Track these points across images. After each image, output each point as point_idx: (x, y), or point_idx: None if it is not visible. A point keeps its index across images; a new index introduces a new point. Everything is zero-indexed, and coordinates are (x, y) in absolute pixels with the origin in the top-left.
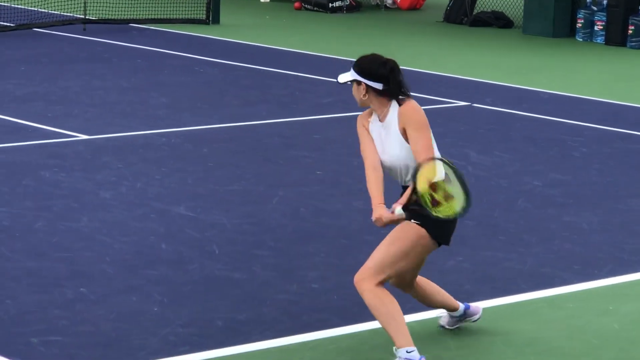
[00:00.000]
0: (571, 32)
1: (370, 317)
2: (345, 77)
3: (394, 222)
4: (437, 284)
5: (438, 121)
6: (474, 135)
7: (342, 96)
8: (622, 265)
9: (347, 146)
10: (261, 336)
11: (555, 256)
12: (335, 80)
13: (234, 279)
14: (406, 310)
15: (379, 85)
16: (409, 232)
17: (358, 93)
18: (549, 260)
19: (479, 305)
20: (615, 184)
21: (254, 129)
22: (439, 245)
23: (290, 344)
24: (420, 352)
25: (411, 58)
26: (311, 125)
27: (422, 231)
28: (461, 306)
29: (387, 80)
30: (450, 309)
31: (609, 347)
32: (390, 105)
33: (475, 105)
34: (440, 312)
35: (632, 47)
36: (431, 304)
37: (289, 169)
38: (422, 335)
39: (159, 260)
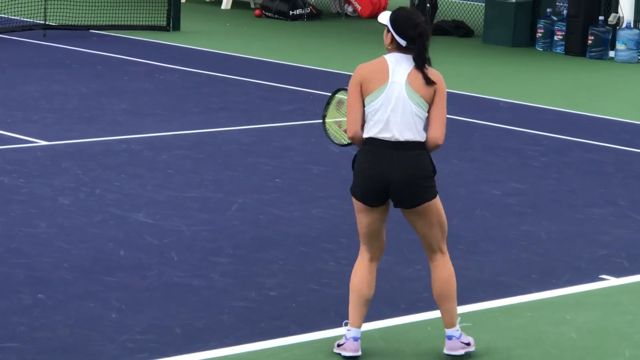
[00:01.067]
0: (531, 42)
1: (327, 326)
2: (383, 18)
3: None
4: (396, 292)
5: None
6: None
7: (301, 104)
8: (580, 274)
9: (305, 154)
10: (219, 343)
11: (513, 265)
12: (291, 87)
13: (192, 285)
14: (366, 319)
15: (403, 42)
16: None
17: (385, 39)
18: (507, 269)
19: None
20: (574, 193)
21: (213, 136)
22: (360, 202)
23: (248, 352)
24: None
25: None
26: (271, 133)
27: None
28: (453, 330)
29: (412, 42)
30: (447, 322)
31: (566, 356)
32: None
33: None
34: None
35: (591, 57)
36: (435, 294)
37: (247, 177)
38: (380, 344)
39: (118, 266)
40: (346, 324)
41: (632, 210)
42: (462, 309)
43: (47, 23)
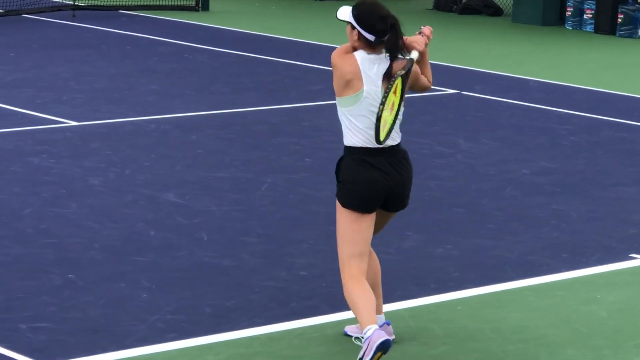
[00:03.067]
0: (560, 21)
1: None
2: (344, 14)
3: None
4: (425, 271)
5: (427, 109)
6: (462, 123)
7: (331, 83)
8: (610, 253)
9: (335, 134)
10: (249, 323)
11: (543, 244)
12: (323, 67)
13: (222, 265)
14: (395, 298)
15: (371, 37)
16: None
17: (351, 37)
18: (537, 248)
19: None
20: (604, 172)
21: (243, 116)
22: (358, 211)
23: (278, 331)
24: (408, 340)
25: None
26: (300, 113)
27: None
28: (382, 317)
29: (383, 35)
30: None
31: (596, 335)
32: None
33: (464, 93)
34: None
35: (621, 36)
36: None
37: (277, 156)
38: (410, 323)
39: (148, 246)
40: (358, 339)
41: None
42: (492, 288)
43: (76, 4)
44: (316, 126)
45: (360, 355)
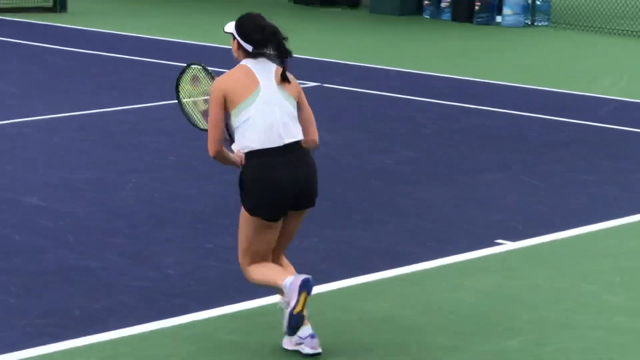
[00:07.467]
0: (418, 10)
1: (227, 302)
2: (229, 27)
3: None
4: (293, 264)
5: None
6: (324, 115)
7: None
8: (476, 240)
9: (196, 130)
10: (119, 324)
11: (409, 233)
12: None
13: (89, 267)
14: (262, 294)
15: (249, 47)
16: (241, 214)
17: (232, 47)
18: (403, 237)
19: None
20: (465, 159)
21: (103, 117)
22: (269, 220)
23: (148, 331)
24: (275, 335)
25: None
26: (159, 111)
27: (243, 209)
28: (308, 327)
29: (262, 45)
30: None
31: (465, 321)
32: None
33: (325, 85)
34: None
35: (478, 23)
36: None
37: (140, 155)
38: (280, 318)
39: (13, 251)
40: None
41: (524, 174)
42: (359, 280)
43: None
44: (176, 123)
45: (289, 306)
